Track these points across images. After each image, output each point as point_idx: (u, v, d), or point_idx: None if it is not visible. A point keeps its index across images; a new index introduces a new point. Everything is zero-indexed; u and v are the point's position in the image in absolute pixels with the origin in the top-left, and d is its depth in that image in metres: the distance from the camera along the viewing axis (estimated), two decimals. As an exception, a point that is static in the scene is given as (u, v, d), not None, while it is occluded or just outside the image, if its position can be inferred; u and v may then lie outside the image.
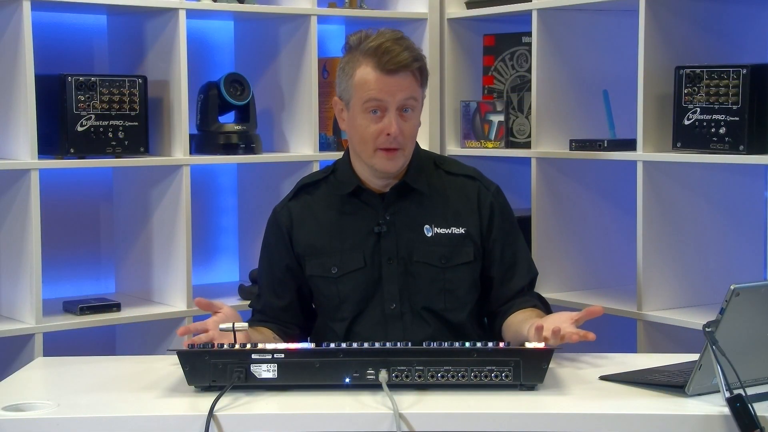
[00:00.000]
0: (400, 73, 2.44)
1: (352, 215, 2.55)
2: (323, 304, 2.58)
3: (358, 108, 2.48)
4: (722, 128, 2.88)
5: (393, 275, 2.51)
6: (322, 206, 2.58)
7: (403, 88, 2.44)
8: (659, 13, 3.04)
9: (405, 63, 2.44)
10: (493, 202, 2.57)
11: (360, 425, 1.95)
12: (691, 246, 3.14)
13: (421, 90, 2.51)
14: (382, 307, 2.52)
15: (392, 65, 2.43)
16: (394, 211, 2.53)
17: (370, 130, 2.46)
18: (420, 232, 2.53)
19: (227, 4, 3.35)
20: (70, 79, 3.07)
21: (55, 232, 3.36)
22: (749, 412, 1.86)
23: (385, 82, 2.44)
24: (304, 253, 2.56)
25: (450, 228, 2.53)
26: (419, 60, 2.47)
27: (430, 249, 2.52)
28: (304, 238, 2.56)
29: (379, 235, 2.52)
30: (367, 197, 2.54)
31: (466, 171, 2.62)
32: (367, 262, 2.51)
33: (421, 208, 2.54)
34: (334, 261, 2.53)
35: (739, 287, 1.93)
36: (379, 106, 2.45)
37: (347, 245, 2.53)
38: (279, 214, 2.61)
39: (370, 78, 2.45)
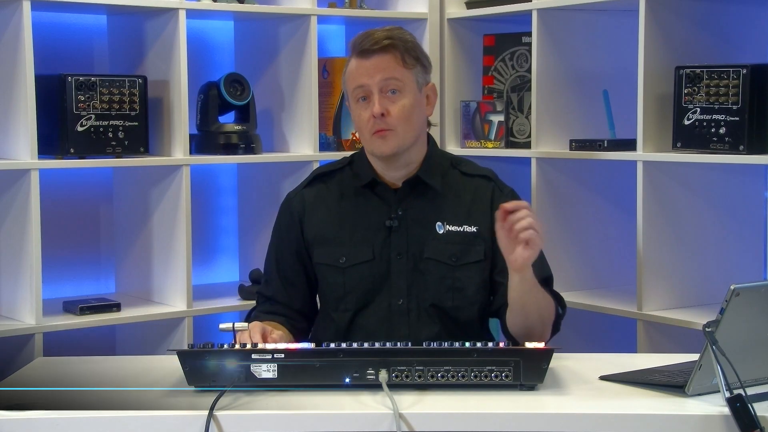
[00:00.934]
0: (376, 54, 2.49)
1: (364, 207, 2.56)
2: (327, 293, 2.58)
3: (352, 101, 2.54)
4: (722, 128, 2.88)
5: (402, 270, 2.52)
6: (336, 196, 2.59)
7: (380, 69, 2.48)
8: (659, 13, 3.04)
9: (377, 41, 2.48)
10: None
11: (360, 425, 1.95)
12: (691, 246, 3.14)
13: (410, 72, 2.51)
14: (388, 302, 2.52)
15: (367, 46, 2.49)
16: (406, 206, 2.55)
17: (362, 118, 2.51)
18: (432, 229, 2.54)
19: (227, 4, 3.35)
20: (70, 79, 3.07)
21: (55, 232, 3.36)
22: (749, 412, 1.86)
23: (364, 66, 2.50)
24: (313, 241, 2.57)
25: (462, 226, 2.54)
26: (393, 38, 2.50)
27: (441, 246, 2.53)
28: (315, 226, 2.58)
29: (390, 229, 2.53)
30: (381, 191, 2.56)
31: (481, 172, 2.63)
32: (376, 256, 2.53)
33: (434, 204, 2.55)
34: (343, 251, 2.54)
35: (739, 287, 1.93)
36: (365, 92, 2.50)
37: (357, 237, 2.54)
38: (292, 200, 2.63)
39: (352, 66, 2.53)
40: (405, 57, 2.51)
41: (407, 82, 2.50)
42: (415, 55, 2.53)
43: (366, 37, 2.51)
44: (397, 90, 2.49)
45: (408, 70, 2.51)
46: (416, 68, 2.53)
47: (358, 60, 2.51)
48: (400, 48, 2.51)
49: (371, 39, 2.50)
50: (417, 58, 2.54)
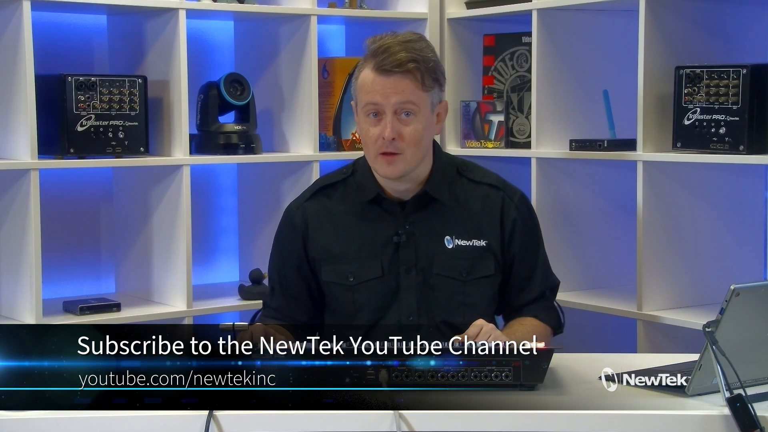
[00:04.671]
0: (396, 74, 2.38)
1: (371, 222, 2.49)
2: (337, 310, 2.53)
3: (360, 111, 2.45)
4: (722, 128, 2.88)
5: (411, 286, 2.47)
6: (341, 211, 2.52)
7: (398, 91, 2.38)
8: (659, 13, 3.04)
9: (399, 63, 2.37)
10: (516, 217, 2.51)
11: (360, 425, 1.95)
12: (691, 246, 3.14)
13: (427, 94, 2.41)
14: (398, 318, 2.48)
15: (387, 65, 2.37)
16: (414, 220, 2.48)
17: (370, 134, 2.42)
18: (440, 243, 2.48)
19: (227, 4, 3.35)
20: (70, 79, 3.07)
21: (55, 232, 3.36)
22: (749, 412, 1.86)
23: (381, 83, 2.39)
24: (320, 258, 2.51)
25: (471, 240, 2.49)
26: (417, 62, 2.38)
27: (451, 262, 2.47)
28: (320, 242, 2.51)
29: (398, 244, 2.47)
30: (387, 205, 2.49)
31: (489, 179, 2.55)
32: (385, 272, 2.47)
33: (443, 218, 2.49)
34: (351, 269, 2.49)
35: (739, 287, 1.93)
36: (377, 109, 2.40)
37: (364, 253, 2.48)
38: (294, 214, 2.55)
39: (368, 80, 2.41)
40: (425, 80, 2.40)
41: (423, 105, 2.40)
42: (434, 77, 2.42)
43: (388, 54, 2.37)
44: (411, 113, 2.39)
45: (425, 92, 2.41)
46: (434, 90, 2.43)
47: (375, 74, 2.39)
48: (422, 70, 2.39)
49: (394, 59, 2.37)
50: (436, 80, 2.43)
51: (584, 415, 1.98)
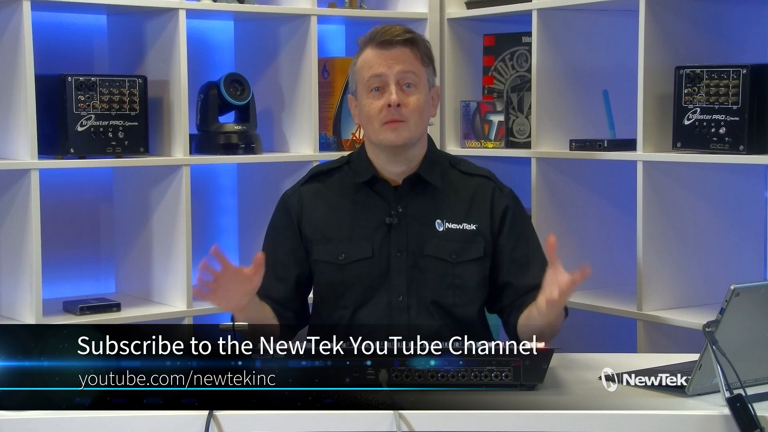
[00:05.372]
0: (396, 46, 2.52)
1: (363, 204, 2.58)
2: (326, 291, 2.58)
3: (363, 91, 2.55)
4: (722, 128, 2.88)
5: (401, 268, 2.54)
6: (335, 193, 2.61)
7: (400, 61, 2.51)
8: (659, 13, 3.04)
9: (398, 34, 2.52)
10: (507, 205, 2.60)
11: (360, 425, 1.96)
12: (691, 246, 3.14)
13: (425, 69, 2.56)
14: (388, 298, 2.54)
15: (387, 37, 2.53)
16: (406, 203, 2.56)
17: (374, 107, 2.52)
18: (431, 226, 2.56)
19: (227, 4, 3.36)
20: (70, 79, 3.08)
21: (55, 232, 3.36)
22: (749, 412, 1.86)
23: (382, 56, 2.53)
24: (312, 238, 2.58)
25: (461, 224, 2.56)
26: (414, 36, 2.55)
27: (441, 244, 2.55)
28: (314, 223, 2.59)
29: (390, 226, 2.55)
30: (381, 188, 2.58)
31: (481, 171, 2.65)
32: (375, 253, 2.54)
33: (434, 202, 2.57)
34: (342, 248, 2.56)
35: (739, 287, 1.93)
36: (380, 82, 2.51)
37: (356, 234, 2.56)
38: (289, 198, 2.64)
39: (369, 57, 2.55)
40: (422, 56, 2.56)
41: (422, 78, 2.55)
42: (430, 56, 2.60)
43: (386, 29, 2.55)
44: (412, 84, 2.53)
45: (424, 67, 2.56)
46: (429, 68, 2.59)
47: (376, 50, 2.54)
48: (420, 45, 2.57)
49: (393, 31, 2.54)
50: (431, 59, 2.60)
51: (584, 415, 1.98)
